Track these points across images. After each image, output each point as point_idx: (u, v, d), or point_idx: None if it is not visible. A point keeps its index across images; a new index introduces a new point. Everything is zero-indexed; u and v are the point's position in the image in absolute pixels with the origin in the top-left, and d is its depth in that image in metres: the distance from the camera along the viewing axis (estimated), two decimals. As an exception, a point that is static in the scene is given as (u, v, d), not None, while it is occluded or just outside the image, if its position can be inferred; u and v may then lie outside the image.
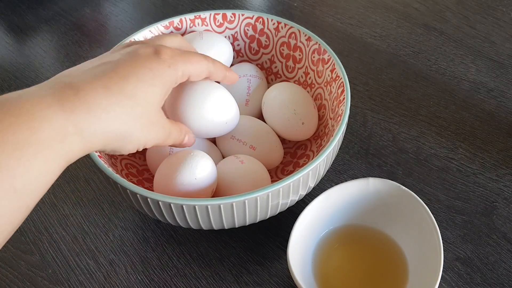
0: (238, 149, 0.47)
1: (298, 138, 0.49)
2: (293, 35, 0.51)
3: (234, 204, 0.38)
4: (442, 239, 0.39)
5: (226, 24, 0.53)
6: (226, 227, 0.41)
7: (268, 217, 0.42)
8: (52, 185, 0.51)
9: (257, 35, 0.54)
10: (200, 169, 0.40)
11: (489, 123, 0.56)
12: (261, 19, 0.52)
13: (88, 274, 0.45)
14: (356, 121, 0.57)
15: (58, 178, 0.30)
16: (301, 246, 0.40)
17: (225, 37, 0.54)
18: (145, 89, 0.33)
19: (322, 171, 0.43)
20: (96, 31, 0.70)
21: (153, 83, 0.33)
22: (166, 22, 0.52)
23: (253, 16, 0.53)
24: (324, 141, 0.47)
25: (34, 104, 0.27)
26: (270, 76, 0.55)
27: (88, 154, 0.36)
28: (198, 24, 0.53)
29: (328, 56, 0.48)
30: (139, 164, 0.49)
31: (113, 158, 0.46)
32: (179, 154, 0.41)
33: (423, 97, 0.59)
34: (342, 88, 0.45)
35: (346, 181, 0.43)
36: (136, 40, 0.50)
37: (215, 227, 0.41)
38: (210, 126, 0.43)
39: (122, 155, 0.47)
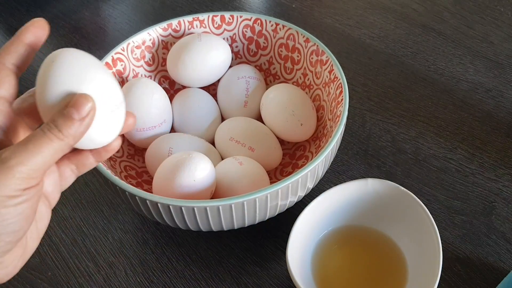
0: (237, 150, 0.47)
1: (296, 139, 0.49)
2: (291, 36, 0.52)
3: (233, 205, 0.38)
4: (441, 240, 0.39)
5: (224, 26, 0.53)
6: (225, 229, 0.41)
7: (267, 218, 0.42)
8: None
9: (255, 37, 0.54)
10: (199, 171, 0.40)
11: (488, 123, 0.56)
12: (259, 21, 0.53)
13: (87, 276, 0.45)
14: (354, 122, 0.57)
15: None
16: (300, 247, 0.40)
17: (224, 39, 0.54)
18: None
19: (320, 172, 0.43)
20: (95, 34, 0.70)
21: None
22: (164, 24, 0.52)
23: (251, 17, 0.53)
24: (322, 142, 0.47)
25: None
26: (269, 77, 0.55)
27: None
28: (197, 26, 0.53)
29: (327, 57, 0.48)
30: (138, 166, 0.49)
31: (112, 160, 0.46)
32: (178, 156, 0.41)
33: (421, 98, 0.59)
34: (340, 89, 0.45)
35: (345, 182, 0.43)
36: (134, 41, 0.51)
37: (214, 228, 0.41)
38: None
39: (121, 157, 0.47)
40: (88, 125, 0.28)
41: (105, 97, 0.29)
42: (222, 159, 0.47)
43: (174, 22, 0.52)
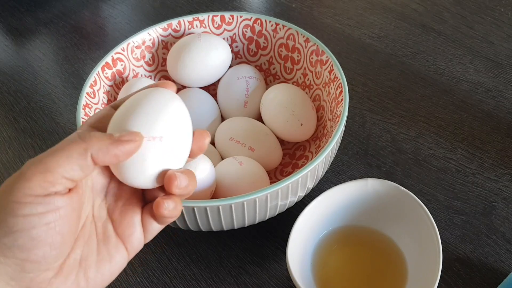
0: (237, 150, 0.47)
1: (296, 139, 0.49)
2: (291, 36, 0.52)
3: (233, 205, 0.38)
4: (441, 240, 0.39)
5: (224, 26, 0.53)
6: (225, 229, 0.41)
7: (267, 218, 0.42)
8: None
9: (255, 37, 0.54)
10: (199, 171, 0.40)
11: (488, 123, 0.56)
12: (259, 21, 0.53)
13: (87, 276, 0.45)
14: (354, 122, 0.57)
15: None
16: (300, 247, 0.40)
17: (224, 39, 0.54)
18: None
19: (320, 172, 0.43)
20: (94, 34, 0.70)
21: None
22: (164, 24, 0.52)
23: (251, 17, 0.53)
24: (322, 142, 0.47)
25: None
26: (269, 77, 0.55)
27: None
28: (197, 26, 0.53)
29: (326, 57, 0.48)
30: (138, 166, 0.49)
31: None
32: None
33: (421, 98, 0.59)
34: (340, 89, 0.45)
35: (345, 182, 0.43)
36: (134, 41, 0.51)
37: (214, 228, 0.41)
38: None
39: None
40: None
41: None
42: (222, 159, 0.47)
43: (174, 22, 0.52)
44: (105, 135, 0.27)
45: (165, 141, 0.28)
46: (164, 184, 0.28)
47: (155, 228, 0.31)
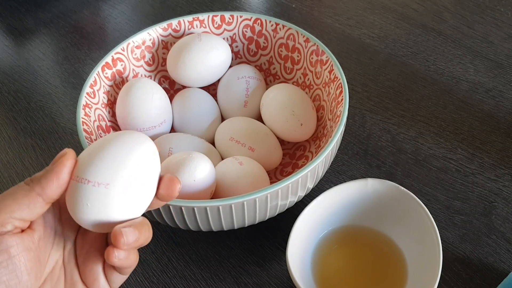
0: (237, 150, 0.47)
1: (296, 139, 0.49)
2: (291, 36, 0.52)
3: (233, 205, 0.38)
4: (441, 240, 0.39)
5: (224, 26, 0.53)
6: (225, 229, 0.41)
7: (267, 218, 0.42)
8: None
9: (255, 37, 0.54)
10: (199, 171, 0.40)
11: (488, 123, 0.56)
12: (259, 21, 0.53)
13: (87, 276, 0.45)
14: (354, 122, 0.57)
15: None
16: (300, 247, 0.40)
17: (224, 39, 0.54)
18: None
19: (320, 172, 0.43)
20: (95, 34, 0.70)
21: None
22: (164, 24, 0.52)
23: (251, 17, 0.53)
24: (322, 142, 0.47)
25: None
26: (269, 77, 0.55)
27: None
28: (197, 26, 0.53)
29: (326, 57, 0.48)
30: (138, 166, 0.49)
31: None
32: (178, 156, 0.41)
33: (421, 98, 0.59)
34: (340, 89, 0.45)
35: (345, 181, 0.43)
36: (134, 41, 0.51)
37: (214, 228, 0.41)
38: None
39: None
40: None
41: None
42: (222, 159, 0.47)
43: (174, 22, 0.52)
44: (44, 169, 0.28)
45: (112, 188, 0.27)
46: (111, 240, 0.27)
47: (118, 278, 0.30)
